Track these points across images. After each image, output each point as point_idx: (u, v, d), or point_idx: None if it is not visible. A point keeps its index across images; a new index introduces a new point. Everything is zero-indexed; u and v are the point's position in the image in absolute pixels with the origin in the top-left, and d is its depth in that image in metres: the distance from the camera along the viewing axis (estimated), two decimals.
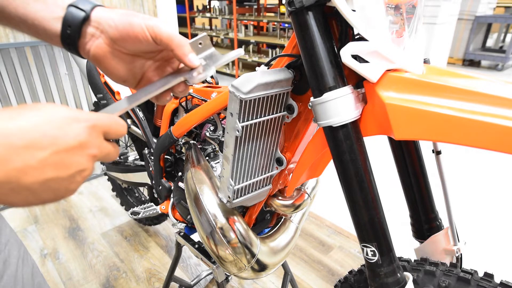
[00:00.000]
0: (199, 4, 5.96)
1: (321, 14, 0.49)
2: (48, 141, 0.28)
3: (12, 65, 1.84)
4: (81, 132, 0.30)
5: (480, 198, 2.01)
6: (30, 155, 0.27)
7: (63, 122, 0.29)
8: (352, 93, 0.50)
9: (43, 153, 0.28)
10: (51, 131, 0.28)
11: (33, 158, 0.27)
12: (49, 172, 0.28)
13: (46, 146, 0.28)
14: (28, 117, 0.28)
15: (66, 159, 0.29)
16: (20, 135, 0.27)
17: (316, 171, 0.67)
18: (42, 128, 0.28)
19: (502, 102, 0.42)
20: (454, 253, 0.72)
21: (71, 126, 0.30)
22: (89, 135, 0.31)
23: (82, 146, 0.30)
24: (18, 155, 0.26)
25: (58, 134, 0.29)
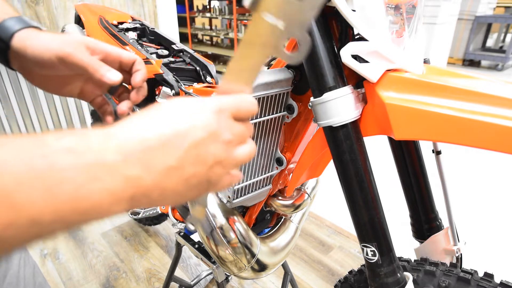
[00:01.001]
0: (199, 4, 5.96)
1: (321, 14, 0.49)
2: (180, 137, 0.27)
3: None
4: (210, 120, 0.29)
5: (480, 198, 2.01)
6: (169, 155, 0.26)
7: (190, 114, 0.28)
8: (352, 93, 0.50)
9: (179, 152, 0.27)
10: (181, 126, 0.27)
11: (171, 158, 0.26)
12: (189, 169, 0.27)
13: (179, 144, 0.27)
14: (157, 117, 0.27)
15: (201, 152, 0.28)
16: (155, 137, 0.26)
17: (316, 171, 0.67)
18: (172, 125, 0.27)
19: (502, 102, 0.42)
20: (454, 253, 0.72)
21: (199, 117, 0.28)
22: (217, 122, 0.29)
23: (213, 135, 0.28)
24: (158, 157, 0.26)
25: (188, 128, 0.27)
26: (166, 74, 0.97)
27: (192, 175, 0.28)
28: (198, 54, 1.11)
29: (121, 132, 0.26)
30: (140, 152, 0.25)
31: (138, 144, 0.25)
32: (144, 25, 1.25)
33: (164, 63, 1.02)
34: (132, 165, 0.25)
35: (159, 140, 0.26)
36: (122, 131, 0.26)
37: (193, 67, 1.07)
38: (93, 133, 0.25)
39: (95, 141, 0.24)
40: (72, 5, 2.00)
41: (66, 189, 0.21)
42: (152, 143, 0.26)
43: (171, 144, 0.26)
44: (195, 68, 1.07)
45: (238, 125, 0.31)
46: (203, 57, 1.09)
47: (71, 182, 0.21)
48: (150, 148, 0.26)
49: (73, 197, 0.22)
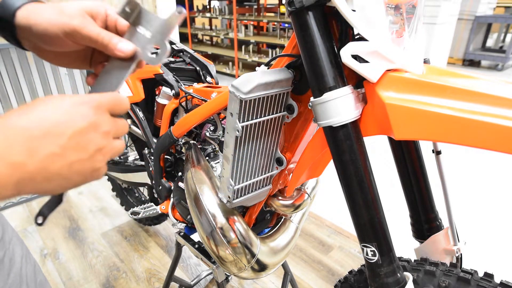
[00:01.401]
0: (199, 4, 5.96)
1: (321, 14, 0.49)
2: (62, 127, 0.30)
3: (12, 65, 1.84)
4: (88, 113, 0.32)
5: (480, 198, 2.01)
6: (51, 143, 0.29)
7: (70, 107, 0.31)
8: (352, 93, 0.50)
9: (61, 139, 0.30)
10: (61, 117, 0.30)
11: (54, 145, 0.29)
12: (71, 156, 0.31)
13: (61, 132, 0.30)
14: (39, 110, 0.30)
15: (82, 141, 0.31)
16: (37, 127, 0.29)
17: (316, 171, 0.67)
18: (53, 116, 0.30)
19: (502, 102, 0.42)
20: (454, 253, 0.72)
21: (78, 110, 0.32)
22: (95, 114, 0.33)
23: (93, 125, 0.32)
24: (41, 145, 0.29)
25: (68, 119, 0.31)
26: (166, 74, 0.97)
27: (75, 161, 0.31)
28: (198, 54, 1.11)
29: (7, 123, 0.28)
30: (24, 141, 0.28)
31: (22, 133, 0.28)
32: None
33: (164, 63, 1.02)
34: (16, 152, 0.27)
35: (42, 129, 0.29)
36: (8, 121, 0.29)
37: (193, 67, 1.08)
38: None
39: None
40: None
41: None
42: (35, 132, 0.29)
43: (53, 133, 0.30)
44: (195, 68, 1.07)
45: (114, 119, 0.35)
46: (203, 57, 1.09)
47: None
48: (33, 137, 0.28)
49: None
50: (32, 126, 0.29)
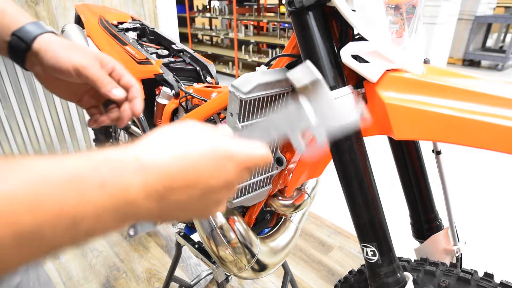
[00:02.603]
0: (199, 4, 5.96)
1: (321, 14, 0.49)
2: (202, 181, 0.28)
3: (12, 65, 1.84)
4: (232, 175, 0.30)
5: (480, 198, 2.01)
6: (183, 194, 0.28)
7: (218, 161, 0.29)
8: (352, 93, 0.50)
9: (194, 191, 0.28)
10: (206, 171, 0.29)
11: (185, 196, 0.28)
12: (193, 206, 0.29)
13: (198, 186, 0.28)
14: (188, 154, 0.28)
15: (210, 195, 0.30)
16: (180, 176, 0.27)
17: (316, 171, 0.67)
18: (200, 168, 0.28)
19: (502, 102, 0.42)
20: (454, 253, 0.72)
21: (225, 167, 0.30)
22: (237, 177, 0.31)
23: (228, 186, 0.31)
24: (175, 194, 0.27)
25: (212, 174, 0.29)
26: (166, 74, 0.97)
27: (192, 209, 0.30)
28: (198, 54, 1.11)
29: (151, 163, 0.27)
30: (163, 187, 0.27)
31: (164, 180, 0.27)
32: (144, 25, 1.25)
33: (164, 63, 1.02)
34: (150, 201, 0.26)
35: (184, 179, 0.27)
36: (152, 162, 0.27)
37: (193, 67, 1.07)
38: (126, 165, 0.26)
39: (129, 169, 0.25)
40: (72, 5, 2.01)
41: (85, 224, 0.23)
42: (177, 182, 0.27)
43: (191, 185, 0.28)
44: (195, 68, 1.07)
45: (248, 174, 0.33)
46: (203, 57, 1.09)
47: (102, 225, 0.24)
48: (172, 188, 0.27)
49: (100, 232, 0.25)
50: (178, 175, 0.27)
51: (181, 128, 0.30)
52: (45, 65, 0.44)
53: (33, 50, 0.44)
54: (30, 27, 0.45)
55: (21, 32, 0.44)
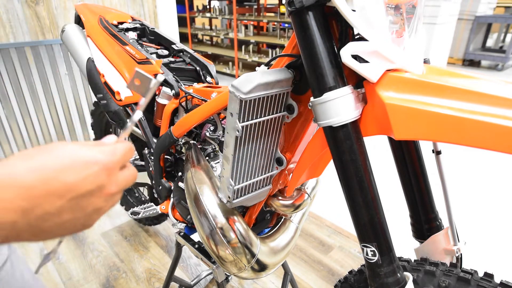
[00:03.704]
0: (199, 4, 5.96)
1: (321, 14, 0.49)
2: (66, 189, 0.28)
3: (12, 65, 1.84)
4: (100, 176, 0.30)
5: (480, 198, 2.01)
6: (50, 203, 0.28)
7: (80, 168, 0.29)
8: (352, 93, 0.50)
9: (61, 201, 0.28)
10: (69, 178, 0.28)
11: (52, 205, 0.28)
12: (66, 216, 0.29)
13: (64, 194, 0.28)
14: (49, 164, 0.28)
15: (83, 202, 0.30)
16: (42, 185, 0.27)
17: (316, 171, 0.67)
18: (60, 176, 0.28)
19: (502, 102, 0.42)
20: (454, 253, 0.72)
21: (90, 170, 0.30)
22: (107, 177, 0.31)
23: (100, 188, 0.30)
24: (39, 204, 0.27)
25: (77, 181, 0.29)
26: (166, 74, 0.97)
27: (68, 220, 0.29)
28: (198, 54, 1.11)
29: (7, 177, 0.26)
30: (23, 200, 0.26)
31: (23, 192, 0.26)
32: (144, 25, 1.25)
33: (164, 63, 1.02)
34: (11, 213, 0.26)
35: (46, 188, 0.27)
36: (8, 175, 0.27)
37: (193, 67, 1.08)
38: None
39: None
40: (72, 5, 2.01)
41: None
42: (37, 191, 0.27)
43: (56, 193, 0.28)
44: (195, 68, 1.07)
45: (123, 175, 0.33)
46: (203, 57, 1.09)
47: None
48: (35, 196, 0.27)
49: None
50: (35, 184, 0.27)
51: (44, 146, 0.30)
52: None
53: None
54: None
55: None
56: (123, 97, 1.09)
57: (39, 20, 1.93)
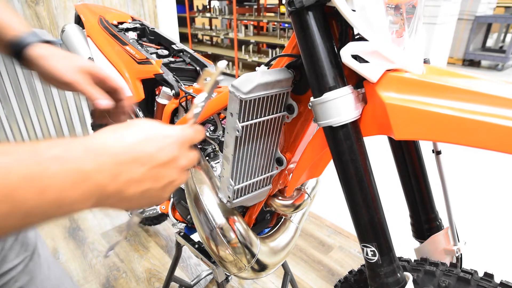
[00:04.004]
0: (199, 4, 5.96)
1: (321, 14, 0.49)
2: (148, 157, 0.33)
3: (12, 65, 1.84)
4: (173, 148, 0.35)
5: (480, 198, 2.01)
6: (134, 170, 0.32)
7: (160, 139, 0.34)
8: (352, 93, 0.50)
9: (144, 168, 0.32)
10: (149, 148, 0.33)
11: (136, 172, 0.32)
12: (147, 184, 0.33)
13: (146, 162, 0.32)
14: (132, 136, 0.33)
15: (160, 172, 0.34)
16: (127, 153, 0.32)
17: (316, 171, 0.67)
18: (143, 146, 0.33)
19: (502, 102, 0.42)
20: (454, 253, 0.72)
21: (165, 143, 0.34)
22: (179, 150, 0.36)
23: (174, 160, 0.35)
24: (125, 170, 0.31)
25: (155, 151, 0.33)
26: (166, 74, 0.97)
27: (148, 189, 0.33)
28: (198, 54, 1.11)
29: (100, 145, 0.31)
30: (112, 165, 0.30)
31: (112, 158, 0.31)
32: (144, 25, 1.25)
33: (164, 63, 1.02)
34: (103, 175, 0.30)
35: (131, 155, 0.31)
36: (101, 144, 0.31)
37: (193, 67, 1.07)
38: (78, 143, 0.30)
39: (78, 150, 0.29)
40: (72, 5, 2.00)
41: (52, 191, 0.27)
42: (124, 158, 0.31)
43: (139, 161, 0.32)
44: (195, 68, 1.07)
45: (192, 152, 0.38)
46: (203, 57, 1.09)
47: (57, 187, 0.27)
48: (121, 163, 0.31)
49: (57, 197, 0.27)
50: (123, 152, 0.31)
51: (127, 123, 0.35)
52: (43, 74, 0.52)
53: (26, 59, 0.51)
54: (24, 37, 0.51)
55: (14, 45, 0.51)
56: None
57: (39, 20, 1.92)
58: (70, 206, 0.28)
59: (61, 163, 0.28)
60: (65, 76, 0.51)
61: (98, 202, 0.31)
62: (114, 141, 0.32)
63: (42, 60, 0.51)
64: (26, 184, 0.25)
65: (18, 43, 0.51)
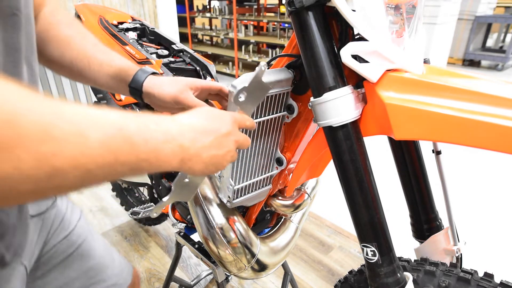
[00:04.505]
0: (199, 4, 5.96)
1: (321, 14, 0.49)
2: (213, 129, 0.44)
3: None
4: (229, 124, 0.46)
5: (480, 198, 2.01)
6: (205, 138, 0.42)
7: (219, 117, 0.46)
8: (352, 93, 0.50)
9: (211, 137, 0.43)
10: (214, 122, 0.44)
11: (207, 139, 0.42)
12: (213, 150, 0.43)
13: (212, 132, 0.43)
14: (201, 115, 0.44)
15: (222, 142, 0.44)
16: (199, 126, 0.42)
17: (316, 171, 0.67)
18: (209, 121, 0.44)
19: (502, 102, 0.42)
20: (454, 253, 0.72)
21: (223, 120, 0.46)
22: (233, 127, 0.46)
23: (230, 133, 0.46)
24: (200, 137, 0.42)
25: (218, 125, 0.45)
26: (166, 74, 0.97)
27: (214, 155, 0.43)
28: (198, 54, 1.11)
29: (181, 119, 0.42)
30: (190, 132, 0.41)
31: (189, 127, 0.41)
32: (144, 25, 1.25)
33: (164, 63, 1.02)
34: (185, 138, 0.40)
35: (202, 127, 0.43)
36: (182, 119, 0.42)
37: (193, 67, 1.07)
38: (167, 116, 0.41)
39: (168, 119, 0.40)
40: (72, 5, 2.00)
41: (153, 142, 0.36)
42: (198, 128, 0.42)
43: (207, 133, 0.43)
44: (195, 68, 1.07)
45: (241, 133, 0.49)
46: (203, 57, 1.09)
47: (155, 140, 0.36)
48: (196, 131, 0.41)
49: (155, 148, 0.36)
50: (197, 125, 0.42)
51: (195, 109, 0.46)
52: (155, 101, 0.63)
53: (144, 92, 0.62)
54: (139, 74, 0.62)
55: (133, 83, 0.62)
56: (123, 97, 1.09)
57: None
58: (163, 159, 0.37)
59: (157, 124, 0.37)
60: (171, 95, 0.60)
61: (182, 163, 0.40)
62: (188, 117, 0.43)
63: (155, 90, 0.61)
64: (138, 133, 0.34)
65: (137, 83, 0.62)
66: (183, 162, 0.40)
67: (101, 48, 0.64)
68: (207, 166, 0.43)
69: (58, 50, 0.61)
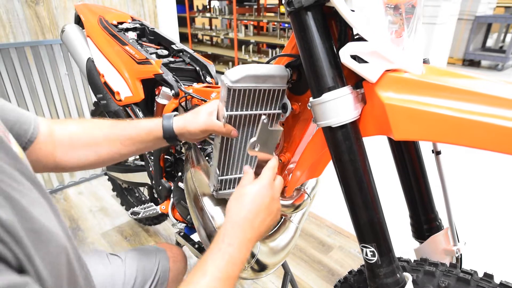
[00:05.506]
0: (199, 4, 5.96)
1: (320, 14, 0.49)
2: (261, 207, 0.55)
3: (12, 65, 1.84)
4: (268, 192, 0.56)
5: (480, 198, 2.00)
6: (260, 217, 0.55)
7: (260, 192, 0.55)
8: (351, 93, 0.50)
9: (263, 213, 0.55)
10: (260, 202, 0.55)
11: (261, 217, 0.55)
12: (268, 219, 0.56)
13: (262, 210, 0.55)
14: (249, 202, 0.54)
15: (270, 209, 0.56)
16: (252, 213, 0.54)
17: (316, 171, 0.67)
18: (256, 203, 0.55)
19: (502, 102, 0.42)
20: (454, 253, 0.72)
21: (264, 192, 0.56)
22: (271, 190, 0.57)
23: (272, 198, 0.57)
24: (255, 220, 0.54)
25: (263, 201, 0.55)
26: (165, 74, 0.97)
27: (269, 221, 0.57)
28: (198, 54, 1.11)
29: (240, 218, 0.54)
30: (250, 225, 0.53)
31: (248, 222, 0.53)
32: (144, 25, 1.25)
33: (164, 63, 1.02)
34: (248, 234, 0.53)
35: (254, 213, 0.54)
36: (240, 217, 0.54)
37: (193, 67, 1.07)
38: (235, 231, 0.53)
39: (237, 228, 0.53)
40: (72, 5, 2.00)
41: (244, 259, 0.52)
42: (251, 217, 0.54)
43: (259, 212, 0.55)
44: (195, 68, 1.07)
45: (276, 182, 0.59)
46: (203, 57, 1.09)
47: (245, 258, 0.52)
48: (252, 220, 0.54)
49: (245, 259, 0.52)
50: (250, 216, 0.54)
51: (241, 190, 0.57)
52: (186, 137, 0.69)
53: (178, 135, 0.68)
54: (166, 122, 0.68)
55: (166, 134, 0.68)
56: (123, 97, 1.09)
57: (39, 20, 1.92)
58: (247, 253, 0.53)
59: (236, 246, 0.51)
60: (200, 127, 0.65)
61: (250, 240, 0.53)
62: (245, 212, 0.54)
63: (185, 130, 0.67)
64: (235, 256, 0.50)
65: (170, 133, 0.68)
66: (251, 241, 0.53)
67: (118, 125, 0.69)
68: (264, 233, 0.56)
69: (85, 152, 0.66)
